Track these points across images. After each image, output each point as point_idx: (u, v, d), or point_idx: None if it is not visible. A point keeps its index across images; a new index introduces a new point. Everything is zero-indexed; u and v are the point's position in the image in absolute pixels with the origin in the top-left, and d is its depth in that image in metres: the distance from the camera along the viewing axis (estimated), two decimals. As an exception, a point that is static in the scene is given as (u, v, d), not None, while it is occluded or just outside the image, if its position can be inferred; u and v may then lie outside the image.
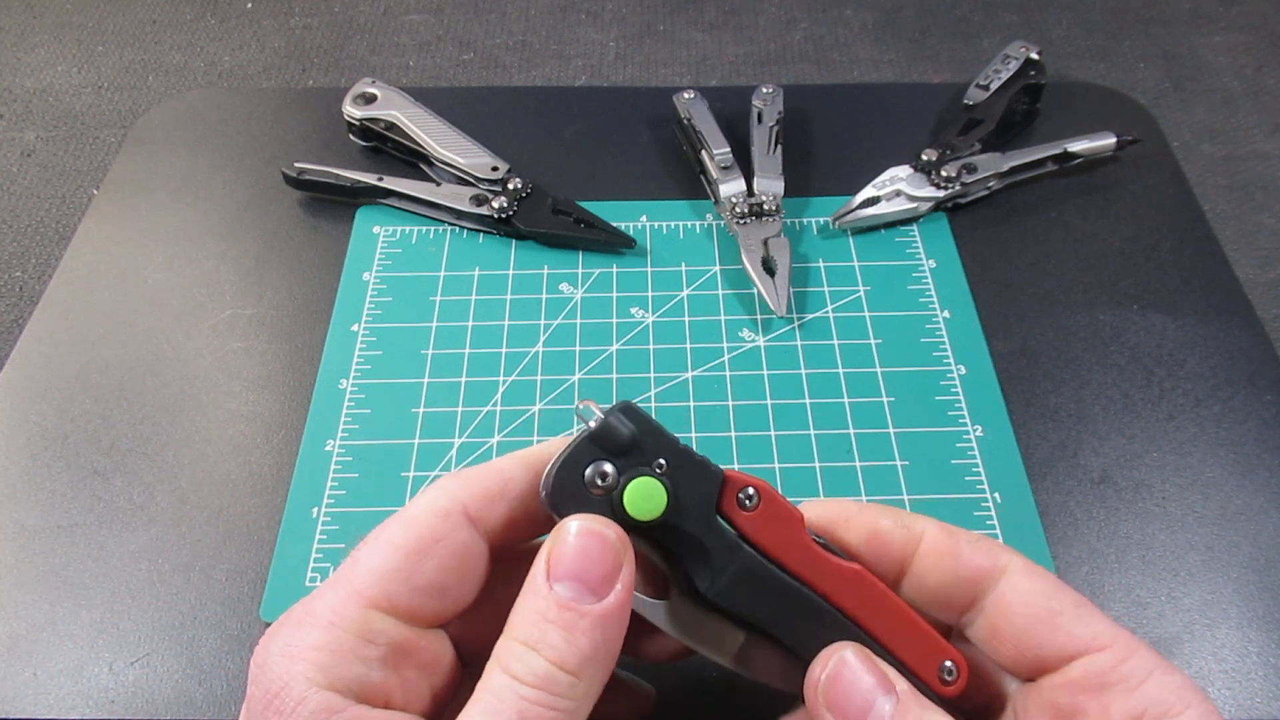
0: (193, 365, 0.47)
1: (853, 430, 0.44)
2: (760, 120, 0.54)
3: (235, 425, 0.44)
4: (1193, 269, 0.50)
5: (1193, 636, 0.38)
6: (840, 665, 0.26)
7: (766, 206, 0.50)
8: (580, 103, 0.60)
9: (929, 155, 0.53)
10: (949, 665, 0.27)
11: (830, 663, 0.26)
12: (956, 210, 0.53)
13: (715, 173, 0.52)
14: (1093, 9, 0.77)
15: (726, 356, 0.47)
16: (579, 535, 0.25)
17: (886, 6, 0.78)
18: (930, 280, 0.49)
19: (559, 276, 0.50)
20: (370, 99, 0.55)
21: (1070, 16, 0.77)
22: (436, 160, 0.53)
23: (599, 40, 0.76)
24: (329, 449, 0.43)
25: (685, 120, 0.55)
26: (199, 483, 0.42)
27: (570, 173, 0.55)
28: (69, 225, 0.62)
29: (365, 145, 0.56)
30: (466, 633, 0.27)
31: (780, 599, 0.27)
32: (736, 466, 0.42)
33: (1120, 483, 0.42)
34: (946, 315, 0.48)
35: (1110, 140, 0.54)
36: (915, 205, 0.51)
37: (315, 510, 0.41)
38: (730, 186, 0.51)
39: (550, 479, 0.26)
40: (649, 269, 0.50)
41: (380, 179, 0.52)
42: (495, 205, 0.51)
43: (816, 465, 0.42)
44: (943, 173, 0.52)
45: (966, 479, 0.42)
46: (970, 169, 0.52)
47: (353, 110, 0.55)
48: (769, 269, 0.49)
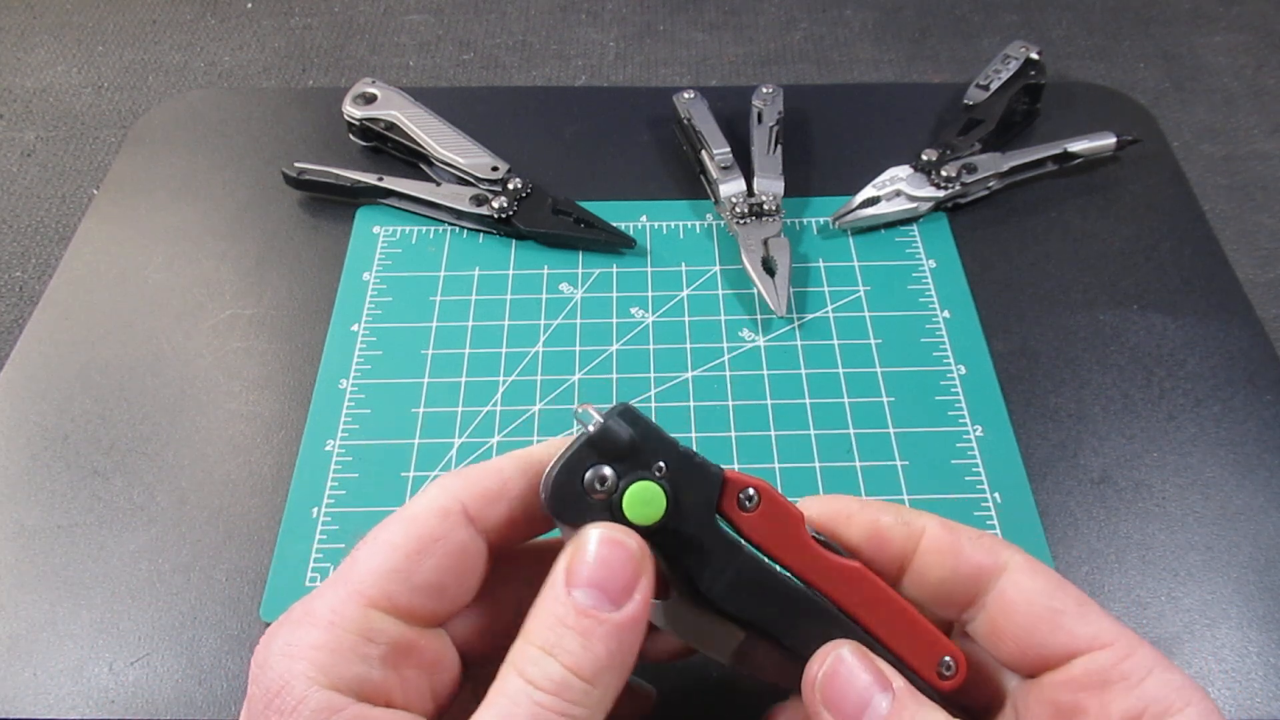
0: (193, 365, 0.47)
1: (853, 430, 0.44)
2: (760, 120, 0.54)
3: (235, 425, 0.44)
4: (1193, 269, 0.50)
5: (1193, 636, 0.38)
6: (837, 663, 0.26)
7: (766, 206, 0.50)
8: (580, 103, 0.60)
9: (929, 155, 0.53)
10: (948, 660, 0.27)
11: (827, 660, 0.26)
12: (956, 210, 0.53)
13: (715, 173, 0.52)
14: (1093, 9, 0.77)
15: (726, 356, 0.47)
16: (600, 543, 0.25)
17: (886, 6, 0.78)
18: (930, 280, 0.49)
19: (559, 276, 0.50)
20: (370, 99, 0.55)
21: (1070, 16, 0.77)
22: (436, 160, 0.53)
23: (599, 40, 0.76)
24: (329, 449, 0.43)
25: (685, 120, 0.55)
26: (199, 483, 0.42)
27: (570, 173, 0.55)
28: (69, 225, 0.62)
29: (365, 145, 0.56)
30: (465, 632, 0.27)
31: (779, 599, 0.27)
32: (736, 466, 0.42)
33: (1120, 483, 0.42)
34: (946, 315, 0.48)
35: (1110, 140, 0.54)
36: (915, 205, 0.51)
37: (315, 510, 0.41)
38: (730, 186, 0.51)
39: (549, 483, 0.26)
40: (649, 269, 0.50)
41: (380, 179, 0.52)
42: (495, 205, 0.51)
43: (816, 465, 0.42)
44: (943, 173, 0.52)
45: (966, 479, 0.42)
46: (970, 169, 0.52)
47: (353, 110, 0.55)
48: (769, 269, 0.49)
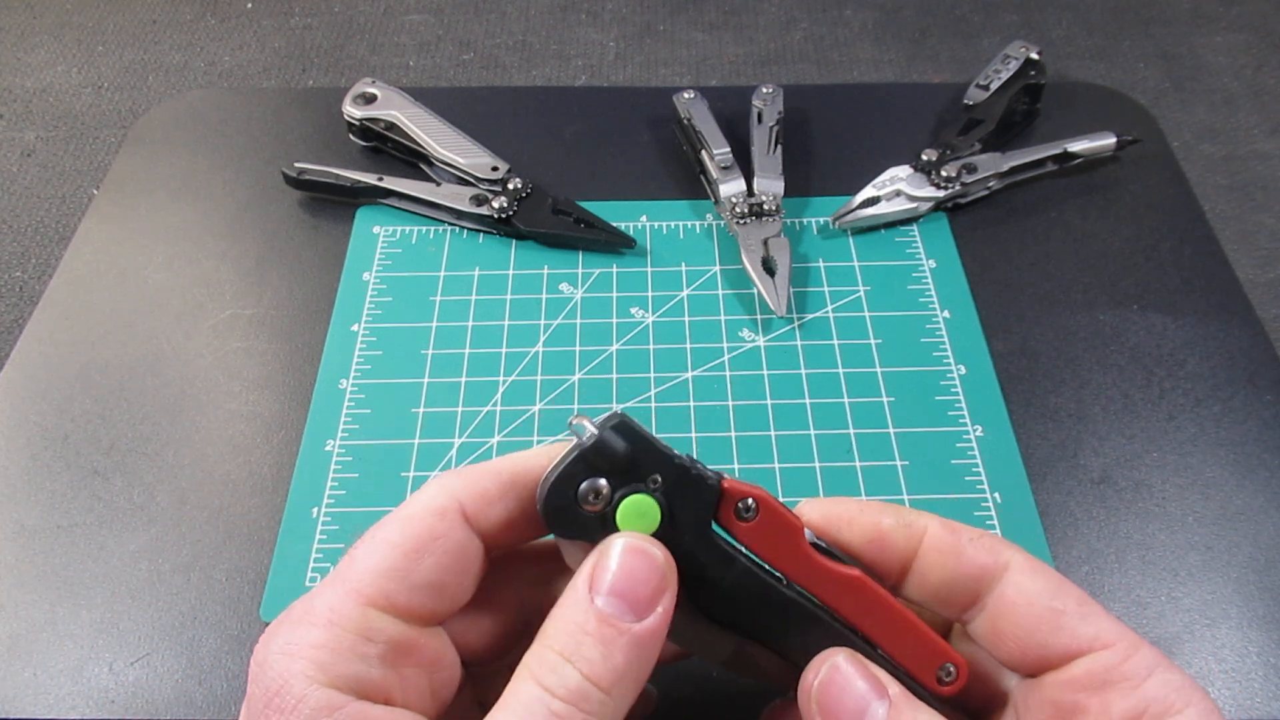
0: (193, 365, 0.47)
1: (853, 430, 0.44)
2: (760, 120, 0.54)
3: (235, 425, 0.44)
4: (1193, 269, 0.50)
5: (1193, 636, 0.38)
6: (832, 671, 0.26)
7: (766, 206, 0.50)
8: (580, 103, 0.60)
9: (929, 155, 0.53)
10: (949, 667, 0.27)
11: (823, 669, 0.26)
12: (956, 210, 0.53)
13: (715, 173, 0.52)
14: (1093, 9, 0.77)
15: (726, 356, 0.47)
16: (625, 552, 0.25)
17: (886, 6, 0.78)
18: (930, 280, 0.49)
19: (559, 276, 0.50)
20: (370, 99, 0.55)
21: (1070, 16, 0.77)
22: (436, 160, 0.53)
23: (599, 40, 0.76)
24: (329, 449, 0.43)
25: (685, 120, 0.55)
26: (199, 483, 0.42)
27: (570, 173, 0.55)
28: (69, 225, 0.62)
29: (365, 145, 0.56)
30: (465, 633, 0.27)
31: (776, 609, 0.27)
32: (736, 467, 0.42)
33: (1120, 483, 0.42)
34: (946, 315, 0.48)
35: (1110, 140, 0.53)
36: (915, 205, 0.51)
37: (315, 510, 0.41)
38: (730, 186, 0.51)
39: (543, 495, 0.26)
40: (649, 269, 0.50)
41: (380, 179, 0.52)
42: (495, 205, 0.51)
43: (816, 465, 0.42)
44: (943, 173, 0.52)
45: (966, 479, 0.42)
46: (970, 169, 0.52)
47: (353, 110, 0.55)
48: (769, 269, 0.49)
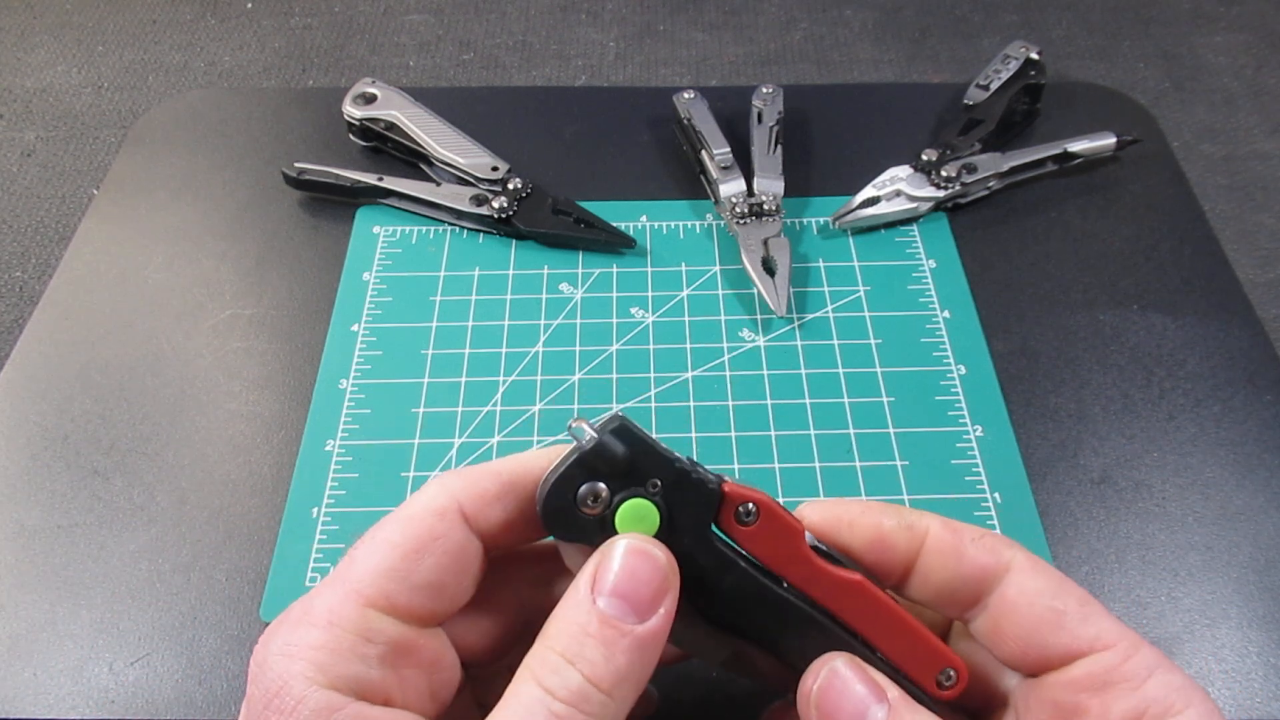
0: (193, 365, 0.47)
1: (853, 430, 0.44)
2: (760, 120, 0.54)
3: (235, 425, 0.44)
4: (1193, 269, 0.50)
5: (1193, 636, 0.38)
6: (831, 676, 0.26)
7: (766, 206, 0.50)
8: (580, 103, 0.60)
9: (929, 155, 0.53)
10: (949, 672, 0.27)
11: (821, 673, 0.26)
12: (956, 210, 0.53)
13: (715, 173, 0.52)
14: (1093, 9, 0.77)
15: (726, 356, 0.47)
16: (628, 553, 0.25)
17: (886, 6, 0.78)
18: (930, 280, 0.49)
19: (559, 276, 0.50)
20: (370, 99, 0.55)
21: (1070, 16, 0.77)
22: (436, 160, 0.53)
23: (599, 40, 0.76)
24: (329, 449, 0.43)
25: (685, 120, 0.55)
26: (199, 483, 0.42)
27: (570, 173, 0.55)
28: (69, 225, 0.62)
29: (365, 145, 0.56)
30: (465, 634, 0.27)
31: (774, 614, 0.27)
32: (736, 467, 0.42)
33: (1120, 483, 0.42)
34: (946, 315, 0.48)
35: (1110, 140, 0.53)
36: (915, 205, 0.51)
37: (315, 510, 0.41)
38: (730, 186, 0.51)
39: (542, 498, 0.26)
40: (649, 269, 0.50)
41: (380, 179, 0.52)
42: (495, 205, 0.51)
43: (816, 465, 0.42)
44: (943, 173, 0.52)
45: (966, 479, 0.42)
46: (970, 169, 0.52)
47: (353, 110, 0.55)
48: (769, 269, 0.49)
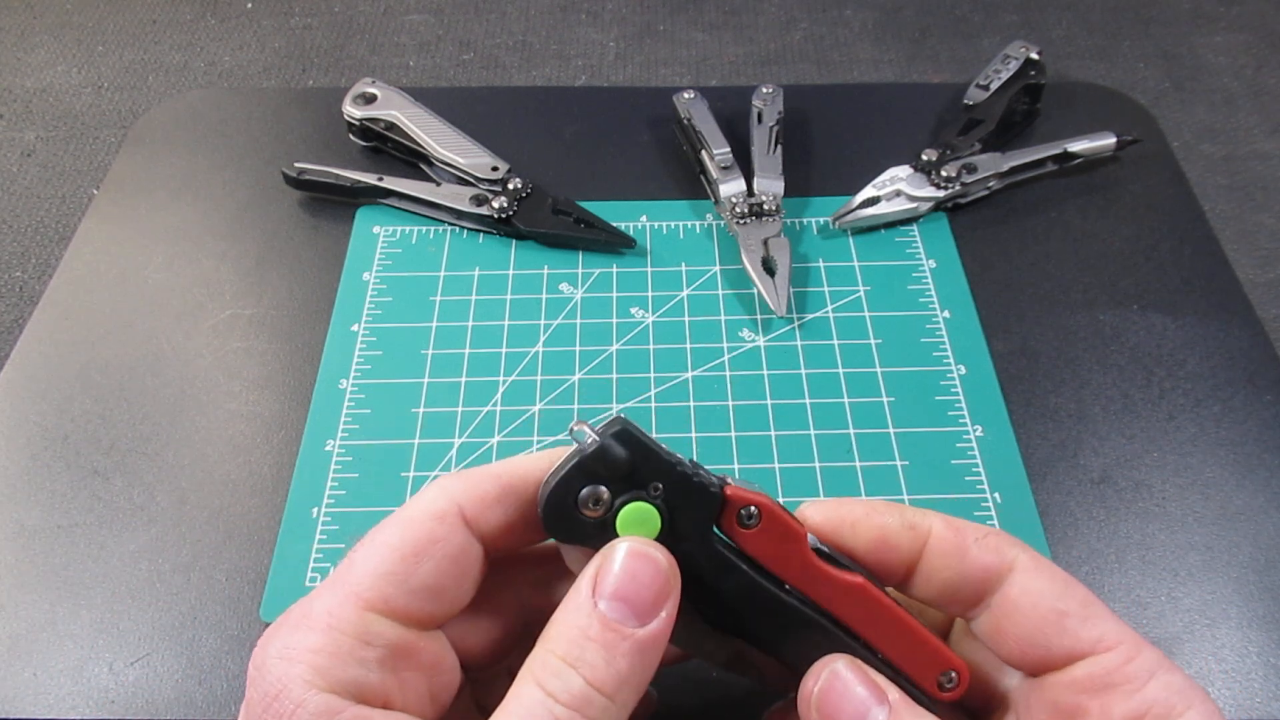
0: (193, 365, 0.47)
1: (853, 430, 0.44)
2: (760, 120, 0.54)
3: (235, 425, 0.44)
4: (1193, 269, 0.50)
5: (1193, 636, 0.38)
6: (832, 678, 0.26)
7: (766, 206, 0.50)
8: (580, 103, 0.60)
9: (929, 155, 0.53)
10: (951, 674, 0.27)
11: (822, 675, 0.26)
12: (956, 210, 0.53)
13: (715, 173, 0.52)
14: (1093, 9, 0.77)
15: (726, 356, 0.47)
16: (629, 556, 0.25)
17: (886, 6, 0.78)
18: (930, 280, 0.49)
19: (559, 276, 0.50)
20: (370, 99, 0.55)
21: (1070, 16, 0.77)
22: (436, 160, 0.53)
23: (599, 40, 0.76)
24: (329, 449, 0.43)
25: (685, 120, 0.55)
26: (199, 483, 0.42)
27: (570, 173, 0.55)
28: (69, 225, 0.62)
29: (365, 145, 0.56)
30: (465, 636, 0.27)
31: (775, 616, 0.27)
32: (736, 467, 0.42)
33: (1120, 483, 0.42)
34: (946, 315, 0.48)
35: (1110, 140, 0.53)
36: (915, 205, 0.51)
37: (315, 510, 0.41)
38: (730, 186, 0.51)
39: (543, 501, 0.26)
40: (649, 269, 0.50)
41: (380, 179, 0.52)
42: (495, 205, 0.51)
43: (816, 465, 0.42)
44: (943, 173, 0.52)
45: (966, 479, 0.42)
46: (970, 169, 0.52)
47: (353, 110, 0.55)
48: (769, 269, 0.49)
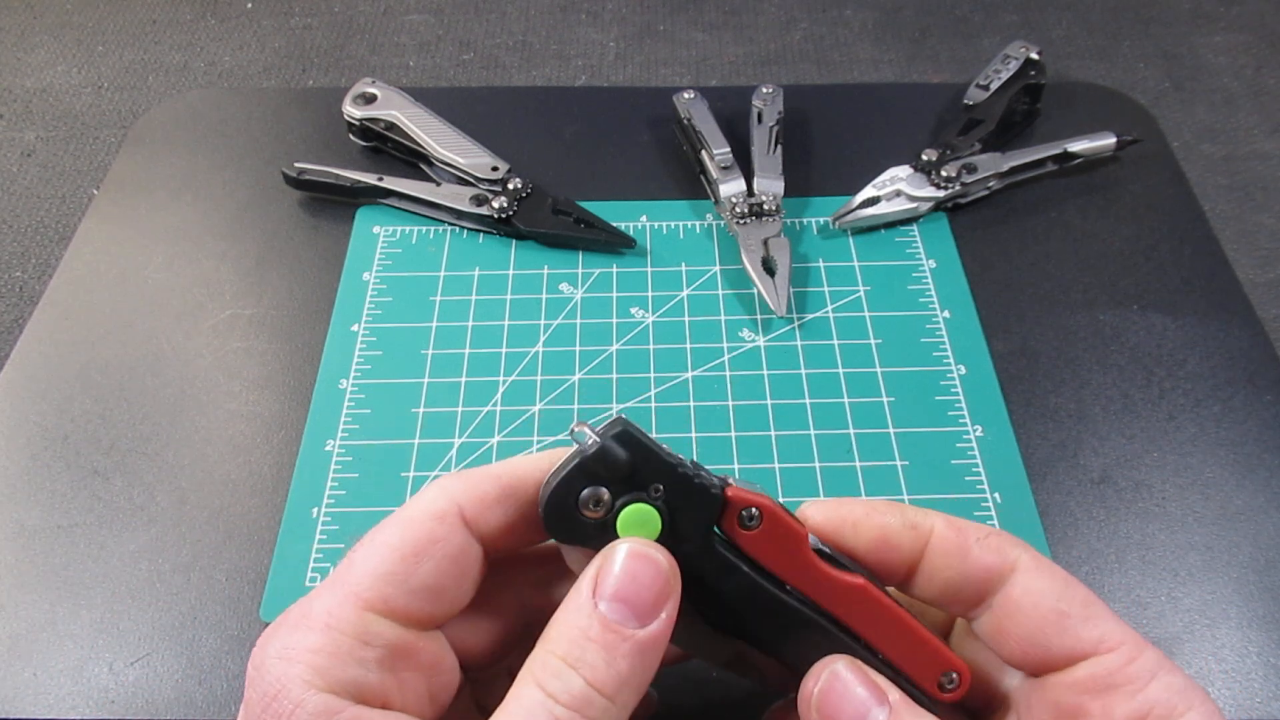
0: (193, 365, 0.47)
1: (853, 430, 0.44)
2: (760, 120, 0.54)
3: (235, 425, 0.44)
4: (1193, 269, 0.50)
5: (1193, 636, 0.38)
6: (832, 679, 0.26)
7: (766, 206, 0.50)
8: (580, 103, 0.60)
9: (929, 155, 0.53)
10: (952, 675, 0.27)
11: (822, 676, 0.26)
12: (956, 210, 0.53)
13: (715, 173, 0.52)
14: (1093, 9, 0.77)
15: (726, 356, 0.47)
16: (630, 557, 0.25)
17: (886, 6, 0.78)
18: (930, 280, 0.49)
19: (559, 276, 0.50)
20: (370, 99, 0.55)
21: (1070, 16, 0.77)
22: (436, 160, 0.53)
23: (599, 40, 0.76)
24: (329, 449, 0.43)
25: (685, 120, 0.55)
26: (199, 483, 0.42)
27: (570, 173, 0.55)
28: (69, 225, 0.62)
29: (365, 145, 0.56)
30: (464, 636, 0.27)
31: (776, 618, 0.27)
32: (736, 467, 0.42)
33: (1120, 483, 0.42)
34: (946, 315, 0.48)
35: (1110, 140, 0.53)
36: (915, 205, 0.51)
37: (315, 510, 0.41)
38: (730, 186, 0.51)
39: (544, 501, 0.26)
40: (649, 269, 0.50)
41: (380, 179, 0.52)
42: (495, 205, 0.51)
43: (816, 465, 0.42)
44: (943, 173, 0.52)
45: (966, 479, 0.42)
46: (970, 169, 0.52)
47: (353, 110, 0.55)
48: (769, 269, 0.49)
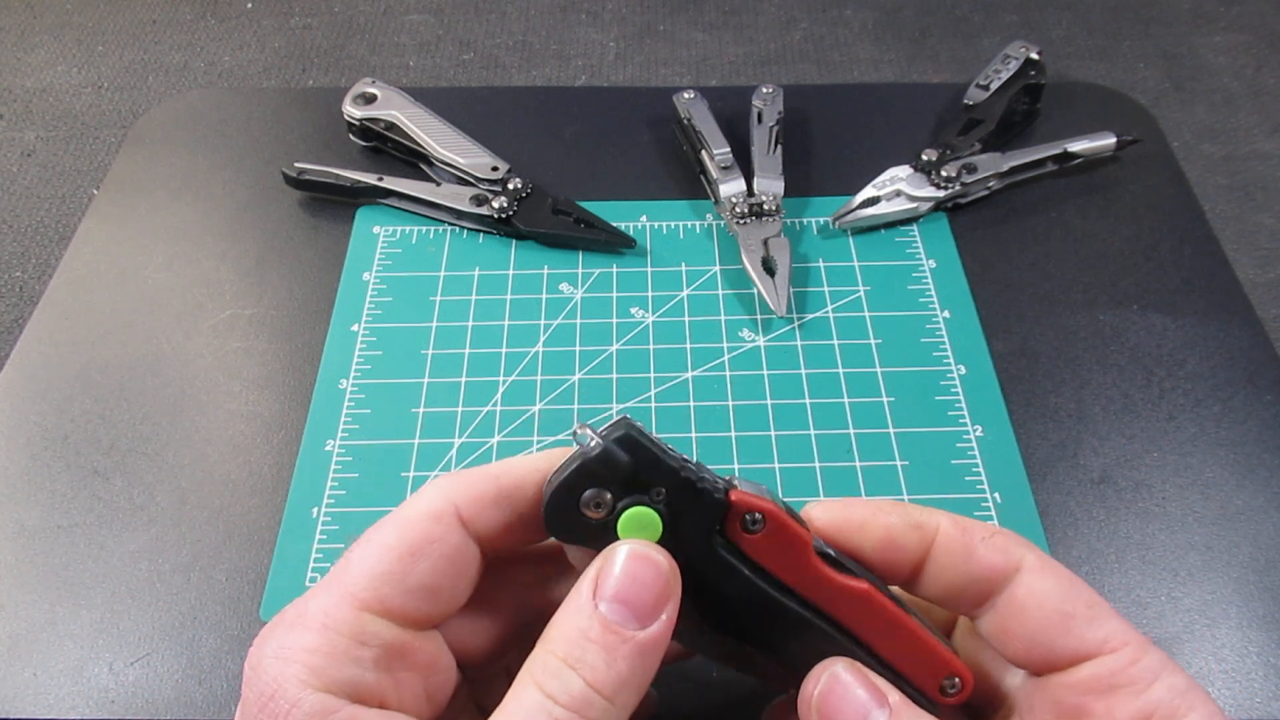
0: (193, 365, 0.47)
1: (853, 430, 0.44)
2: (760, 120, 0.54)
3: (235, 425, 0.44)
4: (1193, 269, 0.50)
5: (1193, 636, 0.38)
6: (832, 681, 0.26)
7: (766, 206, 0.50)
8: (580, 103, 0.60)
9: (929, 155, 0.53)
10: (955, 680, 0.27)
11: (823, 678, 0.26)
12: (956, 210, 0.53)
13: (715, 173, 0.52)
14: (1093, 9, 0.77)
15: (726, 356, 0.47)
16: (630, 558, 0.24)
17: (886, 6, 0.78)
18: (930, 280, 0.49)
19: (559, 276, 0.50)
20: (370, 99, 0.55)
21: (1070, 16, 0.77)
22: (436, 160, 0.53)
23: (599, 40, 0.76)
24: (329, 449, 0.43)
25: (685, 120, 0.55)
26: (199, 483, 0.42)
27: (570, 173, 0.55)
28: (69, 225, 0.62)
29: (365, 145, 0.56)
30: (462, 636, 0.27)
31: (778, 621, 0.26)
32: (736, 467, 0.42)
33: (1120, 483, 0.42)
34: (946, 315, 0.48)
35: (1110, 140, 0.53)
36: (915, 205, 0.51)
37: (315, 510, 0.41)
38: (730, 186, 0.51)
39: (546, 501, 0.26)
40: (649, 269, 0.50)
41: (380, 179, 0.52)
42: (495, 205, 0.51)
43: (816, 465, 0.42)
44: (943, 173, 0.52)
45: (966, 479, 0.42)
46: (970, 169, 0.52)
47: (353, 110, 0.55)
48: (769, 269, 0.49)
